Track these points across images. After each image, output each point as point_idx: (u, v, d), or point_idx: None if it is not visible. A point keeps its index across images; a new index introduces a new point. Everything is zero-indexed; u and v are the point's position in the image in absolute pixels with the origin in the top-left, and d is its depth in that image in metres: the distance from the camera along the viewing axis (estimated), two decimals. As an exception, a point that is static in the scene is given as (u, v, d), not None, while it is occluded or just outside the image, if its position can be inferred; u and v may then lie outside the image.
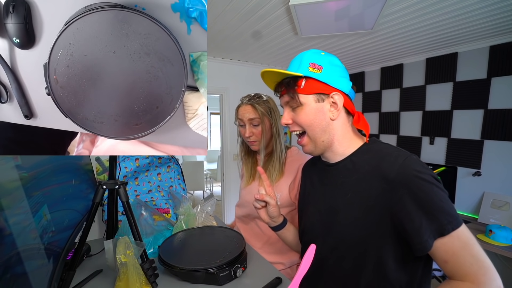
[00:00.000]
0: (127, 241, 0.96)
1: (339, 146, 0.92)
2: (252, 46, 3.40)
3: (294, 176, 1.39)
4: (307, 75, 0.87)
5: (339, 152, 0.93)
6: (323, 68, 0.87)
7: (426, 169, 0.76)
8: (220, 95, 4.24)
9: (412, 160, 0.77)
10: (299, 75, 0.87)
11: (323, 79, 0.86)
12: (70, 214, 1.06)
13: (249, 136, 1.42)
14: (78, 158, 1.26)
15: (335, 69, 0.88)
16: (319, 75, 0.86)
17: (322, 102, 0.88)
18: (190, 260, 1.07)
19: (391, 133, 4.08)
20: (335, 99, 0.87)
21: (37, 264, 0.75)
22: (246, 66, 4.30)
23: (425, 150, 3.67)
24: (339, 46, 3.26)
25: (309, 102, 0.88)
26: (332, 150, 0.93)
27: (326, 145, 0.92)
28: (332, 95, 0.87)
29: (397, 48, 3.33)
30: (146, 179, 1.63)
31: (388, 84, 4.08)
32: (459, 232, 0.71)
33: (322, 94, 0.87)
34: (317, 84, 0.87)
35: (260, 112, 1.37)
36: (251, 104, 1.40)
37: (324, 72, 0.86)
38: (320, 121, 0.89)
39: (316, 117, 0.89)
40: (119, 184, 1.02)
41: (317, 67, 0.87)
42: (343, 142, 0.92)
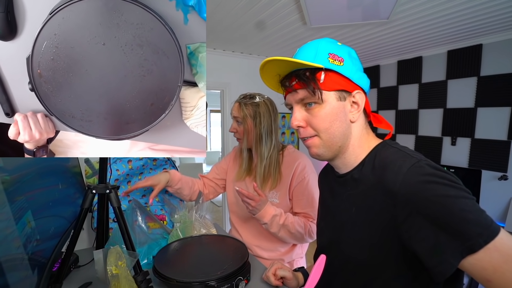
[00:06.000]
0: (118, 251, 0.95)
1: (353, 153, 0.86)
2: (256, 37, 3.40)
3: (291, 175, 1.48)
4: (328, 67, 0.79)
5: (350, 160, 0.87)
6: (344, 60, 0.80)
7: (439, 172, 0.68)
8: (221, 90, 4.24)
9: (419, 167, 0.70)
10: (320, 66, 0.78)
11: (346, 73, 0.80)
12: (56, 221, 1.06)
13: (232, 132, 1.60)
14: (65, 160, 1.26)
15: (355, 63, 0.83)
16: (342, 68, 0.80)
17: (343, 101, 0.82)
18: (187, 272, 1.07)
19: (409, 133, 4.06)
20: (357, 98, 0.81)
21: (20, 276, 0.75)
22: (249, 59, 4.30)
23: (446, 152, 3.64)
24: (351, 37, 3.24)
25: (330, 100, 0.81)
26: (344, 157, 0.87)
27: (341, 150, 0.85)
28: (355, 93, 0.81)
29: (416, 40, 3.30)
30: (140, 183, 1.63)
31: (405, 79, 4.06)
32: (497, 243, 0.61)
33: (345, 91, 0.81)
34: (340, 79, 0.80)
35: (243, 113, 1.51)
36: (239, 103, 1.54)
37: (346, 65, 0.80)
38: (340, 123, 0.82)
39: (337, 119, 0.81)
40: (110, 188, 1.01)
41: (338, 59, 0.79)
42: (358, 147, 0.85)
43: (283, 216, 1.37)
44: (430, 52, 3.72)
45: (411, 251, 0.70)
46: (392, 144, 0.83)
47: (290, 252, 1.57)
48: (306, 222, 1.43)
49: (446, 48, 3.54)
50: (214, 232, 1.53)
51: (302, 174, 1.46)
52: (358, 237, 0.81)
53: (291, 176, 1.47)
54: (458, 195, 0.64)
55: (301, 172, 1.46)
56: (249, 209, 1.32)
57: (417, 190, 0.67)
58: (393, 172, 0.72)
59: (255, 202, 1.28)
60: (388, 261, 0.76)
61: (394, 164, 0.73)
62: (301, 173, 1.46)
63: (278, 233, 1.37)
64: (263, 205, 1.32)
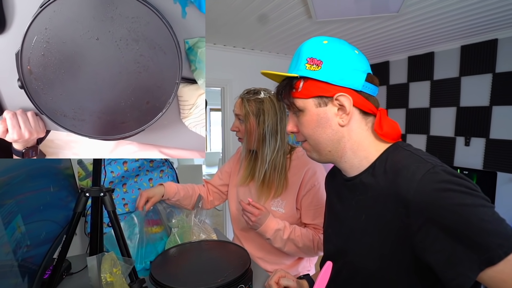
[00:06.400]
0: (113, 258, 0.95)
1: (354, 157, 0.85)
2: (258, 32, 3.39)
3: (299, 182, 1.40)
4: (304, 75, 0.81)
5: (355, 164, 0.85)
6: (323, 63, 0.79)
7: (456, 178, 0.66)
8: (222, 88, 4.24)
9: (435, 173, 0.68)
10: (294, 76, 0.82)
11: (323, 77, 0.79)
12: (47, 226, 1.06)
13: (234, 130, 1.53)
14: (57, 161, 1.26)
15: (341, 61, 0.80)
16: (318, 73, 0.79)
17: (325, 107, 0.82)
18: (186, 279, 1.06)
19: (420, 133, 4.05)
20: (341, 101, 0.80)
21: (10, 284, 0.75)
22: (252, 54, 4.29)
23: (460, 153, 3.63)
24: (360, 32, 3.24)
25: (309, 107, 0.83)
26: (345, 160, 0.86)
27: (335, 155, 0.86)
28: (337, 96, 0.80)
29: (427, 34, 3.28)
30: (136, 186, 1.63)
31: (416, 75, 4.04)
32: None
33: (324, 97, 0.81)
34: (316, 85, 0.81)
35: (245, 111, 1.43)
36: (242, 98, 1.48)
37: (325, 68, 0.79)
38: (323, 129, 0.83)
39: (319, 126, 0.83)
40: (104, 191, 1.01)
41: (315, 63, 0.80)
42: (360, 151, 0.84)
43: (287, 230, 1.32)
44: (443, 48, 3.70)
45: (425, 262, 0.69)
46: (405, 146, 0.81)
47: (296, 265, 1.53)
48: (315, 235, 1.36)
49: (459, 43, 3.52)
50: (215, 238, 1.52)
51: (312, 182, 1.39)
52: (368, 247, 0.80)
53: (299, 184, 1.40)
54: (476, 203, 0.63)
55: (311, 179, 1.39)
56: (249, 224, 1.29)
57: (433, 199, 0.66)
58: (406, 178, 0.71)
59: (254, 216, 1.25)
60: (399, 272, 0.75)
61: (407, 170, 0.72)
62: (311, 180, 1.39)
63: (284, 248, 1.33)
64: (264, 219, 1.28)
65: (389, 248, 0.75)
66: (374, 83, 0.83)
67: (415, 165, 0.72)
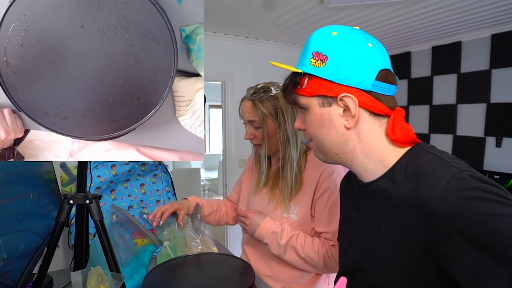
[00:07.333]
0: (100, 273, 0.95)
1: (367, 160, 0.84)
2: (264, 19, 3.40)
3: (315, 184, 1.38)
4: (307, 72, 0.81)
5: (369, 168, 0.85)
6: (328, 58, 0.78)
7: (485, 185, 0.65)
8: (222, 82, 4.24)
9: (461, 179, 0.67)
10: (298, 71, 0.83)
11: (327, 75, 0.78)
12: (26, 237, 1.06)
13: (249, 138, 1.46)
14: (37, 164, 1.26)
15: (349, 57, 0.78)
16: (322, 70, 0.79)
17: (329, 107, 0.82)
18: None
19: (445, 133, 4.04)
20: (346, 102, 0.79)
21: (-17, 303, 0.75)
22: (256, 44, 4.30)
23: (490, 155, 3.62)
24: (377, 19, 3.23)
25: (312, 107, 0.84)
26: (357, 165, 0.86)
27: (343, 158, 0.86)
28: (341, 97, 0.79)
29: (454, 22, 3.28)
30: (126, 192, 1.63)
31: (441, 68, 4.04)
32: None
33: (328, 96, 0.81)
34: (320, 82, 0.80)
35: (261, 113, 1.37)
36: (252, 101, 1.41)
37: (330, 65, 0.78)
38: (328, 131, 0.83)
39: (323, 126, 0.84)
40: (90, 198, 1.01)
41: (320, 58, 0.79)
42: (373, 154, 0.83)
43: (286, 234, 1.30)
44: (471, 37, 3.69)
45: (451, 279, 0.68)
46: (428, 148, 0.80)
47: (311, 286, 1.47)
48: (322, 246, 1.32)
49: (490, 31, 3.51)
50: (215, 251, 1.52)
51: (327, 183, 1.35)
52: (390, 261, 0.80)
53: (315, 186, 1.36)
54: (507, 212, 0.62)
55: (327, 179, 1.35)
56: (246, 230, 1.29)
57: (458, 209, 0.65)
58: (429, 185, 0.70)
59: (248, 219, 1.25)
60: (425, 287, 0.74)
61: (430, 176, 0.71)
62: (327, 180, 1.35)
63: (284, 255, 1.31)
64: (259, 220, 1.27)
65: (413, 263, 0.75)
66: (389, 81, 0.81)
67: (439, 170, 0.71)
